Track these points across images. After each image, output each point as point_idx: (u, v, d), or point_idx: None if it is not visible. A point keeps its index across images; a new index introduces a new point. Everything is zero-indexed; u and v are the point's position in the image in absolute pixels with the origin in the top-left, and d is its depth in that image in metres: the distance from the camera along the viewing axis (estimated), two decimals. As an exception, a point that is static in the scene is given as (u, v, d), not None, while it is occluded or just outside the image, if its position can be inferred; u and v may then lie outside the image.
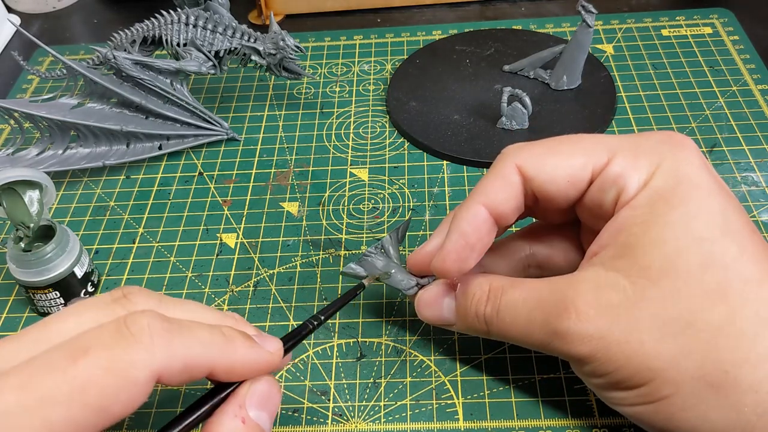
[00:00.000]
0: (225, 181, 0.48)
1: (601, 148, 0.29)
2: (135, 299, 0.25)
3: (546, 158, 0.30)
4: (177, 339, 0.23)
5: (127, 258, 0.43)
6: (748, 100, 0.49)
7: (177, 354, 0.23)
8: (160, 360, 0.23)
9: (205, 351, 0.24)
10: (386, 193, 0.45)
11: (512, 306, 0.30)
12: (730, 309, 0.26)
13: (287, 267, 0.41)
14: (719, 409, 0.26)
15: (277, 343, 0.27)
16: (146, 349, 0.22)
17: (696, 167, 0.28)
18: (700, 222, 0.27)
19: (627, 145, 0.29)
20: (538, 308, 0.29)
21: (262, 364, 0.26)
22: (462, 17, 0.61)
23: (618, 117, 0.49)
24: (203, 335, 0.25)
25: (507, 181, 0.30)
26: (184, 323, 0.24)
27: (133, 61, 0.46)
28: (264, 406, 0.26)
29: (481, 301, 0.31)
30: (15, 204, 0.37)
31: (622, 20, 0.58)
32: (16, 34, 0.65)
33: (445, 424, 0.33)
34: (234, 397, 0.26)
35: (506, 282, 0.31)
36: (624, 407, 0.28)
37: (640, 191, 0.28)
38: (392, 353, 0.37)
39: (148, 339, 0.22)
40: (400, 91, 0.52)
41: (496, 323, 0.30)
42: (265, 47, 0.47)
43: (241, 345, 0.26)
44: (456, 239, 0.30)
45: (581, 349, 0.27)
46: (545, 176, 0.30)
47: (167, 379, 0.23)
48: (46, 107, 0.45)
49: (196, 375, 0.24)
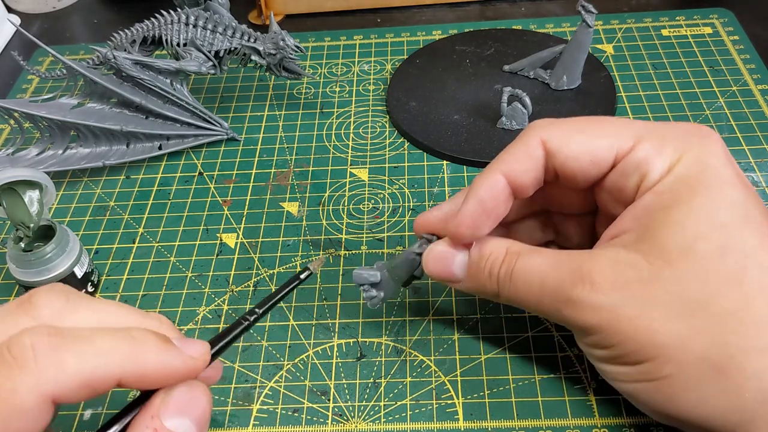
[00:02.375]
0: (225, 181, 0.48)
1: (628, 131, 0.29)
2: (40, 302, 0.23)
3: (572, 135, 0.30)
4: (69, 353, 0.21)
5: (127, 258, 0.43)
6: (748, 100, 0.49)
7: (70, 370, 0.21)
8: (50, 380, 0.21)
9: (106, 361, 0.22)
10: (386, 193, 0.45)
11: (527, 270, 0.30)
12: (745, 295, 0.26)
13: (287, 267, 0.41)
14: (720, 392, 0.26)
15: (202, 347, 0.25)
16: (30, 373, 0.21)
17: (720, 159, 0.28)
18: (721, 210, 0.27)
19: (654, 132, 0.29)
20: (554, 275, 0.29)
21: (180, 370, 0.24)
22: (462, 17, 0.61)
23: (618, 117, 0.49)
24: (104, 344, 0.22)
25: (529, 154, 0.30)
26: (80, 334, 0.22)
27: (133, 61, 0.46)
28: (183, 412, 0.24)
29: (496, 262, 0.31)
30: (15, 204, 0.37)
31: (622, 20, 0.58)
32: (16, 34, 0.65)
33: (445, 424, 0.33)
34: (146, 408, 0.24)
35: (524, 248, 0.31)
36: (623, 383, 0.28)
37: (664, 177, 0.28)
38: (392, 353, 0.37)
39: (31, 362, 0.21)
40: (400, 91, 0.52)
41: (509, 286, 0.30)
42: (265, 47, 0.47)
43: (154, 349, 0.23)
44: (473, 204, 0.30)
45: (590, 318, 0.27)
46: (569, 152, 0.30)
47: (67, 398, 0.21)
48: (46, 107, 0.45)
49: (102, 388, 0.22)
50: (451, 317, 0.38)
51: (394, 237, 0.42)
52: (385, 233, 0.43)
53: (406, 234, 0.43)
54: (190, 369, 0.24)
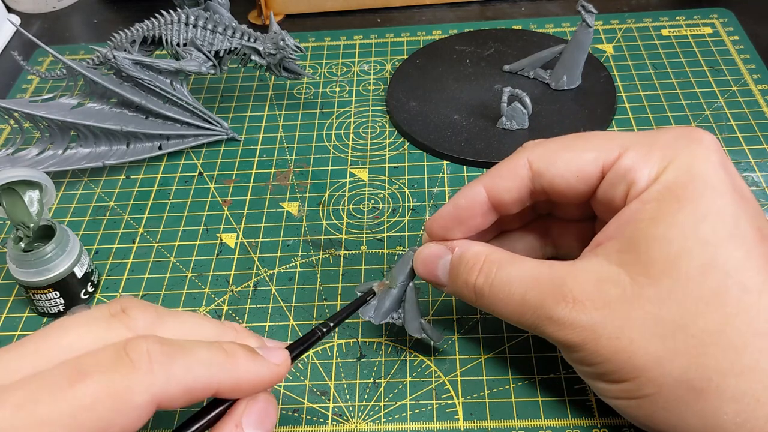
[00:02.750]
0: (225, 181, 0.48)
1: (613, 143, 0.29)
2: (133, 314, 0.25)
3: (558, 154, 0.30)
4: (177, 363, 0.23)
5: (127, 258, 0.43)
6: (748, 100, 0.49)
7: (177, 378, 0.23)
8: (160, 385, 0.22)
9: (206, 372, 0.24)
10: (386, 193, 0.45)
11: (507, 282, 0.30)
12: (724, 317, 0.26)
13: (287, 267, 0.41)
14: (699, 413, 0.26)
15: (283, 354, 0.27)
16: (145, 375, 0.22)
17: (712, 165, 0.27)
18: (707, 224, 0.26)
19: (641, 141, 0.29)
20: (535, 290, 0.29)
21: (267, 378, 0.26)
22: (462, 17, 0.61)
23: (618, 117, 0.49)
24: (203, 355, 0.24)
25: (514, 173, 0.31)
26: (183, 345, 0.24)
27: (133, 61, 0.46)
28: (261, 424, 0.25)
29: (473, 270, 0.31)
30: (15, 204, 0.37)
31: (622, 20, 0.58)
32: (16, 34, 0.65)
33: (445, 424, 0.33)
34: (230, 416, 0.25)
35: (504, 257, 0.31)
36: (608, 398, 0.29)
37: (650, 185, 0.28)
38: (392, 353, 0.37)
39: (147, 365, 0.22)
40: (400, 91, 0.52)
41: (488, 296, 0.30)
42: (265, 47, 0.47)
43: (244, 361, 0.25)
44: (449, 207, 0.32)
45: (572, 337, 0.27)
46: (555, 171, 0.30)
47: (168, 404, 0.23)
48: (46, 107, 0.45)
49: (199, 396, 0.24)
50: (451, 317, 0.38)
51: (394, 237, 0.42)
52: (385, 233, 0.43)
53: (406, 234, 0.43)
54: (275, 376, 0.26)
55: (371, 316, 0.35)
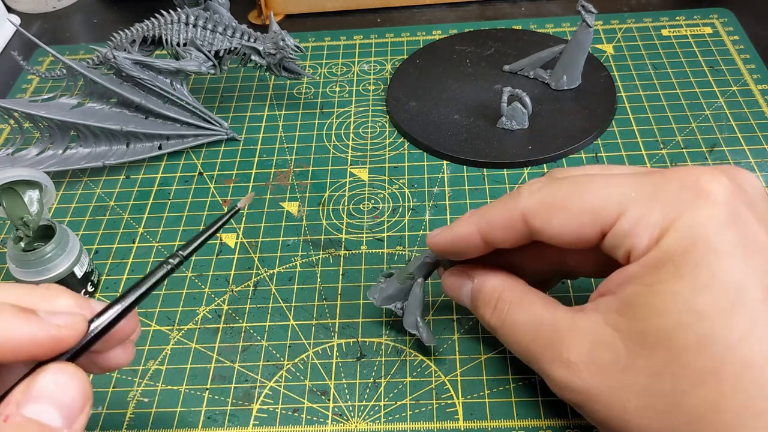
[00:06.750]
0: (225, 181, 0.48)
1: (611, 201, 0.27)
2: None
3: (553, 213, 0.29)
4: None
5: (127, 258, 0.43)
6: (748, 100, 0.49)
7: None
8: None
9: None
10: (386, 193, 0.45)
11: (514, 328, 0.31)
12: (719, 396, 0.24)
13: (287, 267, 0.41)
14: None
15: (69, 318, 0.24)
16: None
17: (718, 225, 0.25)
18: (707, 295, 0.25)
19: (642, 193, 0.27)
20: (536, 342, 0.29)
21: (41, 340, 0.23)
22: (462, 17, 0.61)
23: (618, 117, 0.49)
24: None
25: (509, 226, 0.30)
26: None
27: (133, 61, 0.46)
28: (48, 399, 0.22)
29: (488, 308, 0.32)
30: (15, 204, 0.37)
31: (622, 20, 0.58)
32: (16, 34, 0.65)
33: (445, 424, 0.33)
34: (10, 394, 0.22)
35: (515, 296, 0.31)
36: None
37: (650, 249, 0.26)
38: (392, 353, 0.37)
39: None
40: (400, 91, 0.52)
41: (501, 335, 0.32)
42: (265, 47, 0.47)
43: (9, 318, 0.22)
44: (447, 237, 0.32)
45: (569, 397, 0.28)
46: (552, 231, 0.29)
47: None
48: (46, 107, 0.45)
49: None
50: (451, 317, 0.38)
51: (394, 237, 0.42)
52: (385, 233, 0.43)
53: (406, 234, 0.43)
54: (54, 338, 0.23)
55: (375, 297, 0.36)
